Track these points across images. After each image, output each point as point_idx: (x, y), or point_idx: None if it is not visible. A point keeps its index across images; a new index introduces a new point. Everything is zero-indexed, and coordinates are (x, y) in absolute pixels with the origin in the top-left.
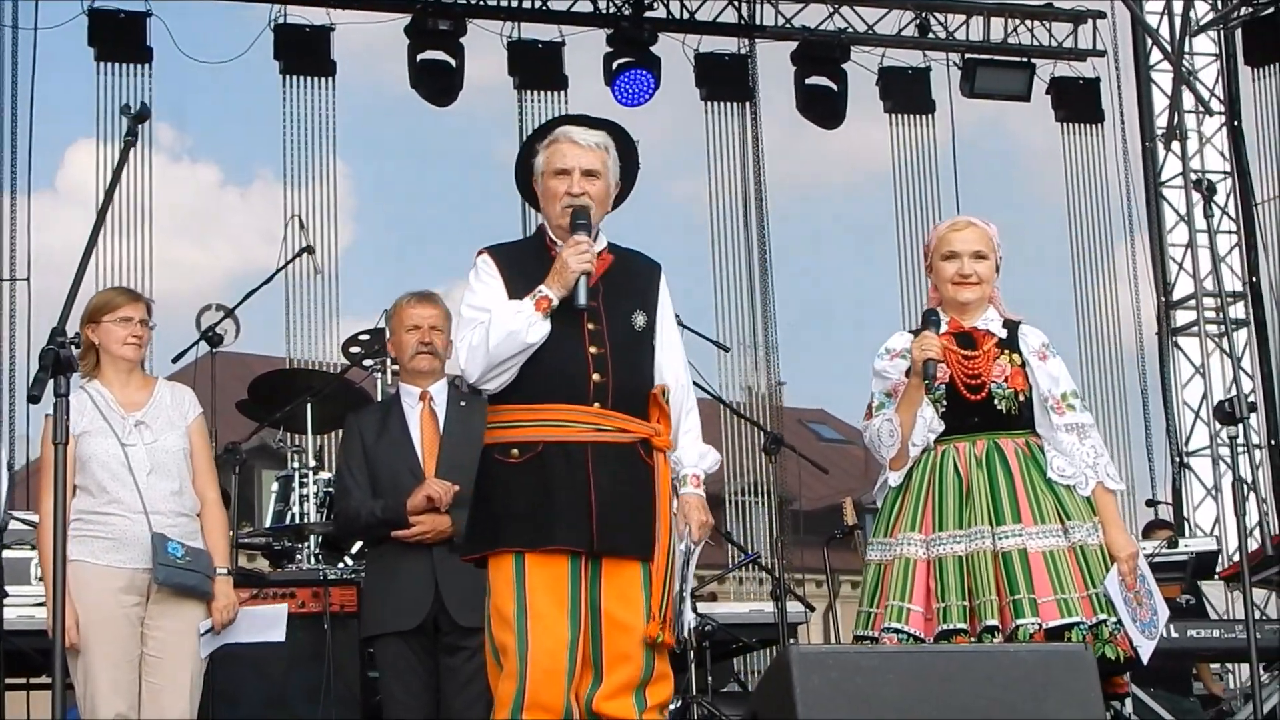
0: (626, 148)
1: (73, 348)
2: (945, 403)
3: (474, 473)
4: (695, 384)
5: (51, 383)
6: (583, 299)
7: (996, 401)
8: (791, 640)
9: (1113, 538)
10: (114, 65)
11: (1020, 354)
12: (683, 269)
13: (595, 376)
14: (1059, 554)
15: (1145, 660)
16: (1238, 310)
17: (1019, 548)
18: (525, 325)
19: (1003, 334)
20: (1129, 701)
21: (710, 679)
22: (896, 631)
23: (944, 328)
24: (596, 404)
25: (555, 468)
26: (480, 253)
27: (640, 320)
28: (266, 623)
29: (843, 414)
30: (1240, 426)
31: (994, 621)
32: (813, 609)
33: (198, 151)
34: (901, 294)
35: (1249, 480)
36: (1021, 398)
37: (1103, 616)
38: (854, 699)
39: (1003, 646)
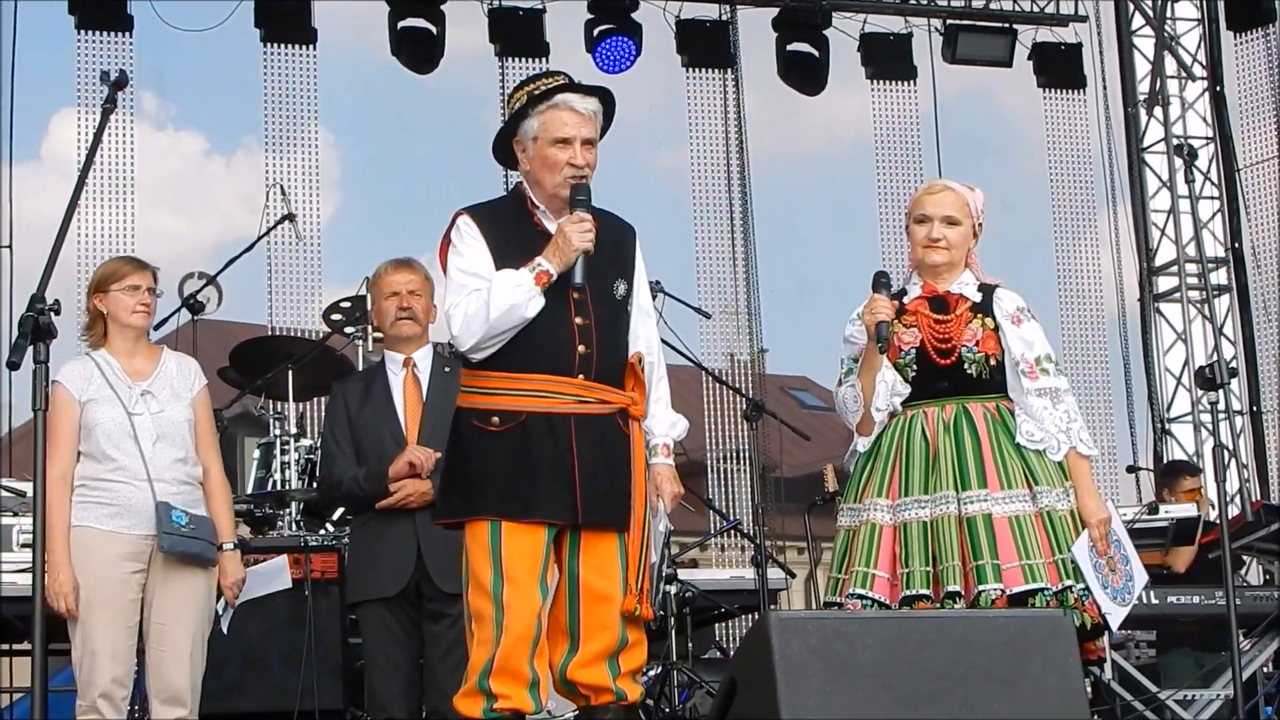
0: (609, 110)
1: (51, 314)
2: (915, 367)
3: None
4: (678, 351)
5: (31, 349)
6: (579, 277)
7: (967, 366)
8: (772, 606)
9: (1084, 503)
10: (95, 34)
11: (994, 318)
12: (665, 235)
13: (581, 348)
14: (1025, 519)
15: (1115, 627)
16: (1220, 276)
17: (984, 513)
18: (526, 299)
19: (977, 298)
20: (1107, 667)
21: (691, 645)
22: (861, 598)
23: (917, 291)
24: (580, 375)
25: (538, 439)
26: (459, 214)
27: (621, 288)
28: (270, 576)
29: (825, 381)
30: (1221, 392)
31: (956, 587)
32: (793, 575)
33: (181, 120)
34: (883, 260)
35: (1230, 446)
36: (993, 362)
37: (1069, 583)
38: (833, 665)
39: (983, 613)
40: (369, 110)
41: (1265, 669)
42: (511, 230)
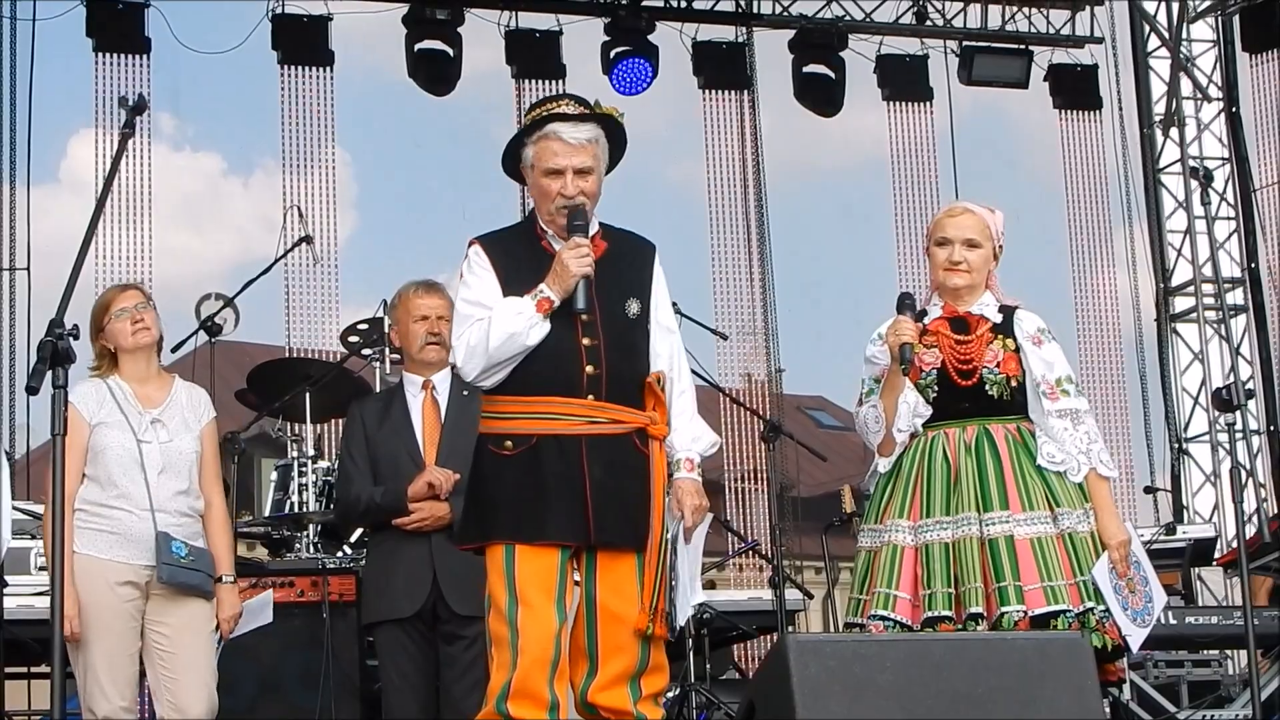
0: (615, 130)
1: (70, 339)
2: (936, 388)
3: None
4: (694, 372)
5: (50, 374)
6: (581, 303)
7: (988, 387)
8: (790, 628)
9: (1104, 525)
10: (112, 56)
11: (1015, 339)
12: (682, 256)
13: (589, 369)
14: (1047, 541)
15: (1135, 649)
16: (1236, 296)
17: (1006, 534)
18: (526, 327)
19: (997, 319)
20: (1127, 687)
21: (709, 666)
22: (883, 619)
23: (938, 312)
24: (590, 396)
25: (549, 461)
26: (471, 243)
27: (634, 307)
28: (256, 611)
29: (842, 401)
30: (1238, 413)
31: (979, 609)
32: (811, 596)
33: (199, 141)
34: (900, 281)
35: (1247, 466)
36: (1014, 383)
37: (1090, 604)
38: (851, 687)
39: (1000, 634)
40: (386, 131)
41: None
42: (522, 255)
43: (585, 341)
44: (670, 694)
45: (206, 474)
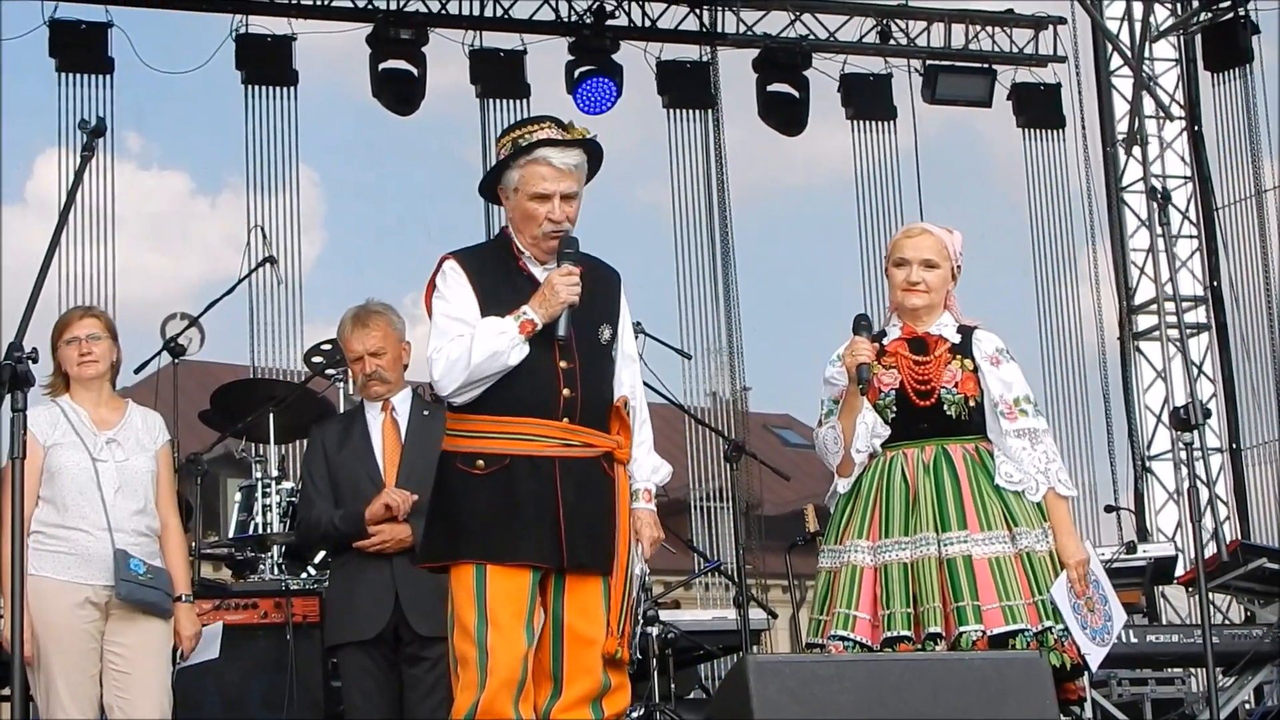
0: (595, 154)
1: (30, 362)
2: (895, 409)
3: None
4: (658, 392)
5: (9, 397)
6: (563, 330)
7: (946, 407)
8: (755, 647)
9: (1063, 544)
10: (76, 76)
11: (973, 359)
12: (647, 275)
13: (565, 392)
14: (1005, 561)
15: (1094, 667)
16: (1199, 315)
17: (964, 554)
18: (509, 347)
19: (956, 339)
20: (1088, 706)
21: (674, 686)
22: (843, 639)
23: (896, 333)
24: (565, 419)
25: (523, 481)
26: (446, 258)
27: (606, 333)
28: (204, 642)
29: (808, 419)
30: (1196, 433)
31: (937, 629)
32: (775, 616)
33: (167, 160)
34: (864, 299)
35: (1210, 484)
36: (972, 403)
37: (1049, 624)
38: (810, 707)
39: (958, 655)
40: (352, 150)
41: (1246, 706)
42: (497, 275)
43: (563, 365)
44: (634, 714)
45: (163, 496)
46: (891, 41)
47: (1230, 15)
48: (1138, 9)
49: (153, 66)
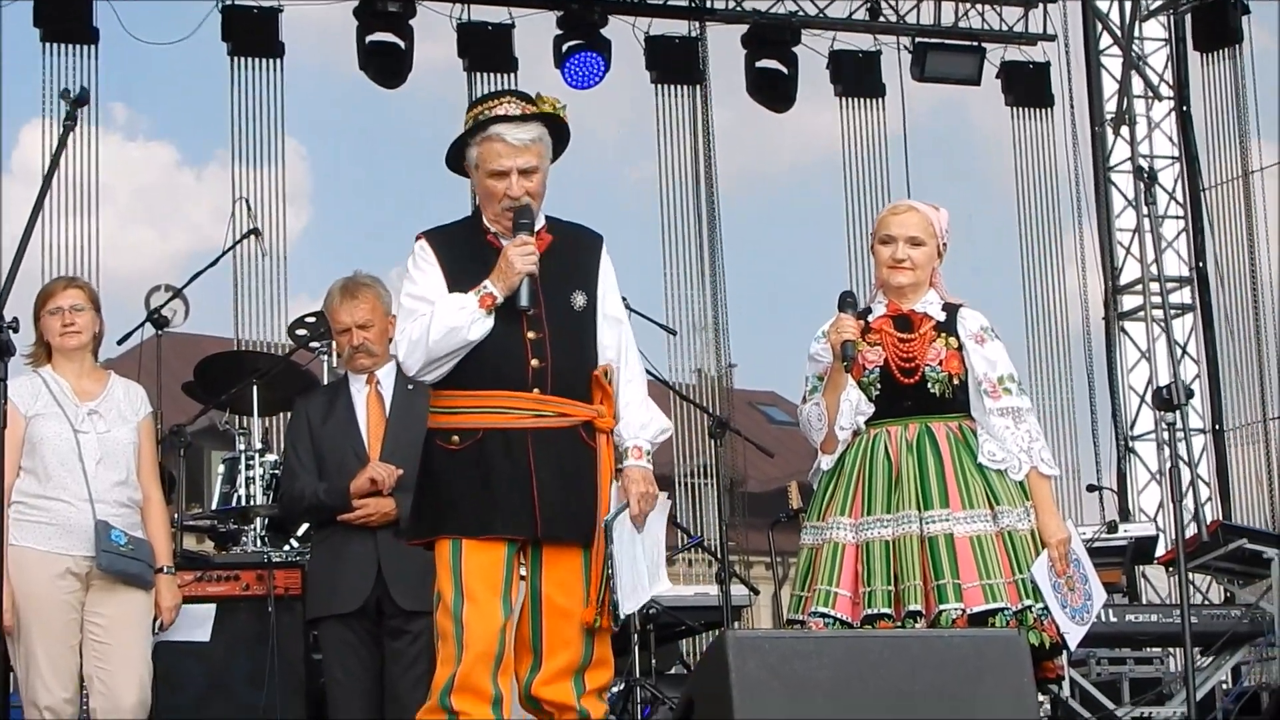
0: (558, 126)
1: (10, 332)
2: (879, 386)
3: (418, 456)
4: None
5: None
6: (525, 300)
7: (930, 385)
8: (736, 623)
9: (1044, 523)
10: (61, 46)
11: (958, 337)
12: (634, 250)
13: (534, 362)
14: (986, 539)
15: (1074, 646)
16: (1184, 295)
17: (945, 533)
18: (468, 322)
19: (941, 317)
20: (1066, 684)
21: (654, 661)
22: (823, 616)
23: (882, 310)
24: (535, 390)
25: (495, 455)
26: (418, 237)
27: (580, 300)
28: (195, 622)
29: (793, 396)
30: (1178, 413)
31: (918, 606)
32: (757, 592)
33: (154, 132)
34: (851, 277)
35: (1192, 465)
36: (956, 381)
37: (1028, 602)
38: (789, 683)
39: (937, 632)
40: (340, 123)
41: (1223, 685)
42: (467, 251)
43: (530, 335)
44: (615, 688)
45: (144, 468)
46: (881, 18)
47: None
48: None
49: (138, 37)
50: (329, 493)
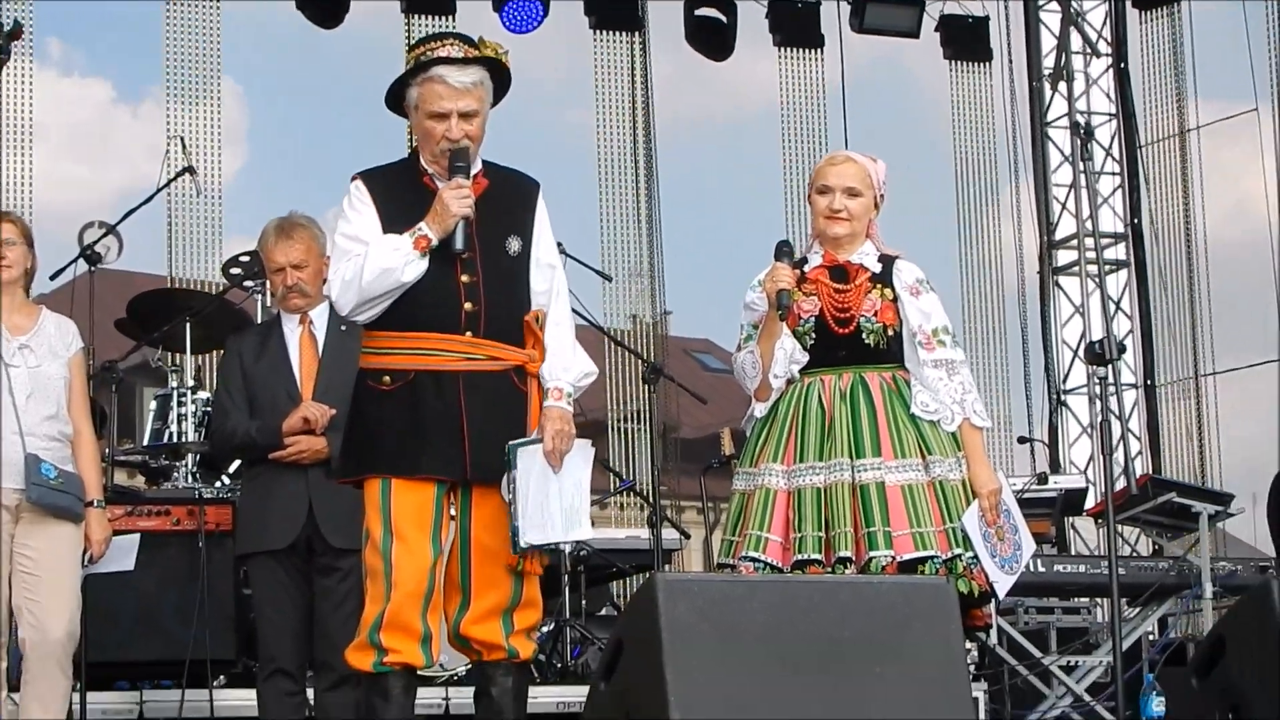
0: (500, 71)
1: None
2: (814, 335)
3: (350, 397)
4: (578, 313)
5: None
6: (460, 244)
7: (864, 335)
8: (667, 566)
9: (975, 473)
10: None
11: (893, 289)
12: (570, 196)
13: (467, 305)
14: (917, 488)
15: (1002, 595)
16: (1118, 251)
17: (877, 481)
18: (402, 263)
19: (877, 268)
20: (994, 633)
21: (584, 603)
22: (754, 560)
23: (818, 260)
24: (468, 333)
25: (426, 396)
26: (354, 178)
27: (515, 245)
28: (119, 552)
29: (727, 344)
30: (1110, 368)
31: (848, 553)
32: (688, 536)
33: (89, 68)
34: (787, 226)
35: (1123, 419)
36: (890, 332)
37: (958, 551)
38: (719, 626)
39: (867, 578)
40: (277, 64)
41: (1150, 636)
42: (403, 193)
43: (464, 279)
44: (544, 629)
45: (75, 403)
46: None
47: None
48: None
49: None
50: (261, 431)
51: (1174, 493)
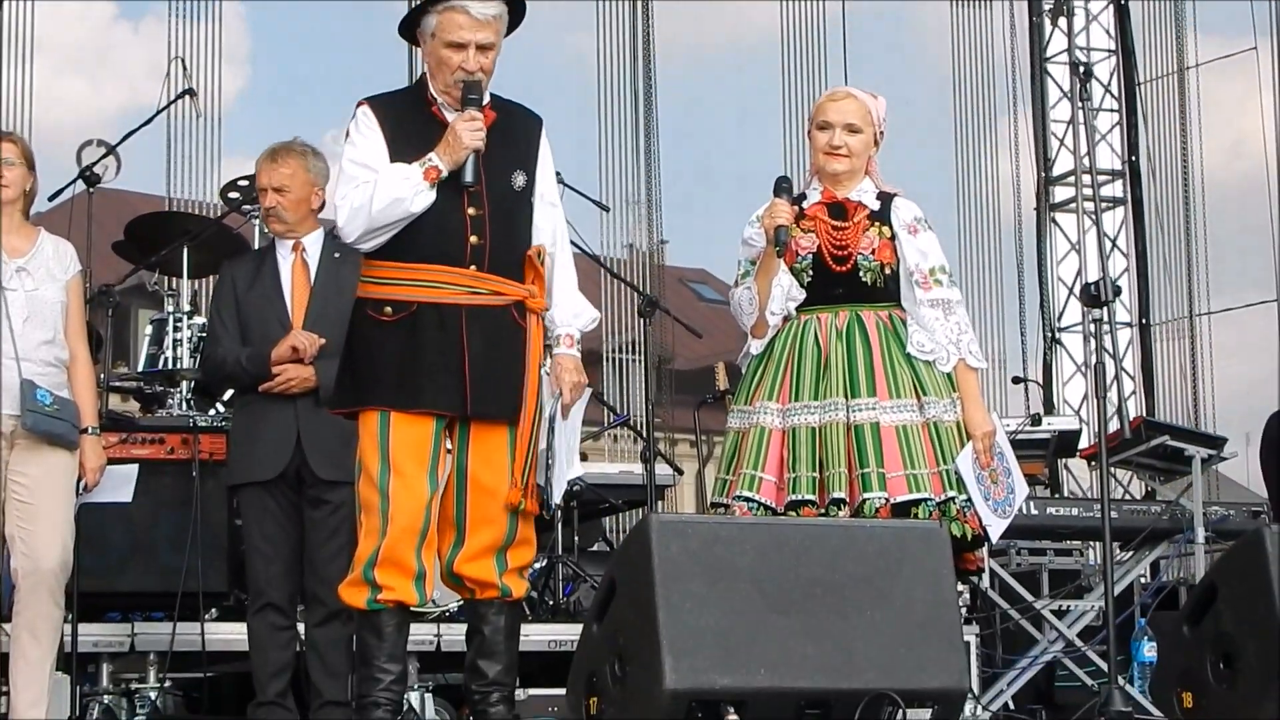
0: (516, 5)
1: None
2: (811, 273)
3: (343, 325)
4: (574, 243)
5: None
6: (469, 176)
7: (861, 273)
8: (660, 503)
9: (970, 414)
10: None
11: (891, 227)
12: (569, 124)
13: (473, 239)
14: (912, 429)
15: (995, 539)
16: (1115, 189)
17: (871, 421)
18: (412, 193)
19: (875, 206)
20: (985, 576)
21: (577, 539)
22: (748, 500)
23: (816, 197)
24: (473, 266)
25: (428, 329)
26: (360, 104)
27: (520, 180)
28: (117, 483)
29: (724, 275)
30: (1105, 309)
31: (842, 494)
32: (681, 472)
33: None
34: (786, 161)
35: (1118, 359)
36: (888, 270)
37: (952, 494)
38: (711, 568)
39: (859, 522)
40: None
41: (1142, 580)
42: (410, 121)
43: (471, 211)
44: (537, 565)
45: (72, 327)
46: None
47: None
48: None
49: None
50: (251, 359)
51: (1167, 436)
